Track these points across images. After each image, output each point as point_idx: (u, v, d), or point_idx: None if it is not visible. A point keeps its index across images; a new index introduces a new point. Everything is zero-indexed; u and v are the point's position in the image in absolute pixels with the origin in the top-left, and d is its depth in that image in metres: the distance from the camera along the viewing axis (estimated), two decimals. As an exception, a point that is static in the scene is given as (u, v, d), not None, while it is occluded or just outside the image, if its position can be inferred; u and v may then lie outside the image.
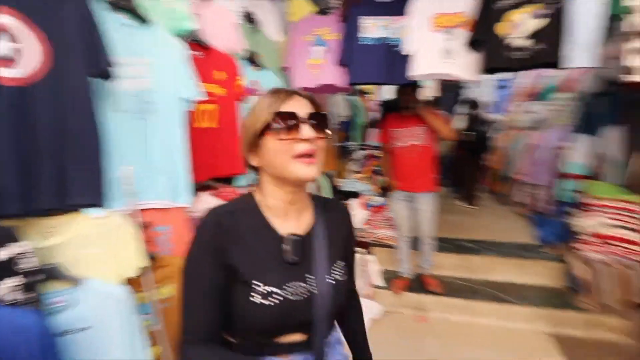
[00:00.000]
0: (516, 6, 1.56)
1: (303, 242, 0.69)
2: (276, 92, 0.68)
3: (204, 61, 1.50)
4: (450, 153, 4.44)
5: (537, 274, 2.83)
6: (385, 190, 2.84)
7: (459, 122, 4.63)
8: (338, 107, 3.51)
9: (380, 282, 2.76)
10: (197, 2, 1.55)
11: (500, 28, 1.59)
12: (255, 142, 0.67)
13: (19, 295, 0.83)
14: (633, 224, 2.29)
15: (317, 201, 0.78)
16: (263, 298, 0.63)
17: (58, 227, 0.99)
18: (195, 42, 1.47)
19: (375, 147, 3.40)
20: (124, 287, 1.06)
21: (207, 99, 1.45)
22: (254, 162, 0.70)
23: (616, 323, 2.35)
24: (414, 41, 1.80)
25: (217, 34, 1.60)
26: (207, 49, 1.53)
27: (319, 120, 0.66)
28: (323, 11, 2.10)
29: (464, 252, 3.00)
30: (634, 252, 2.27)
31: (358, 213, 2.99)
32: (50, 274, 0.93)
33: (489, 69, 1.71)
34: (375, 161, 3.16)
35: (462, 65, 1.75)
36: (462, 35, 1.74)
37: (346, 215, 0.83)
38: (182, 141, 1.33)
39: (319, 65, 2.01)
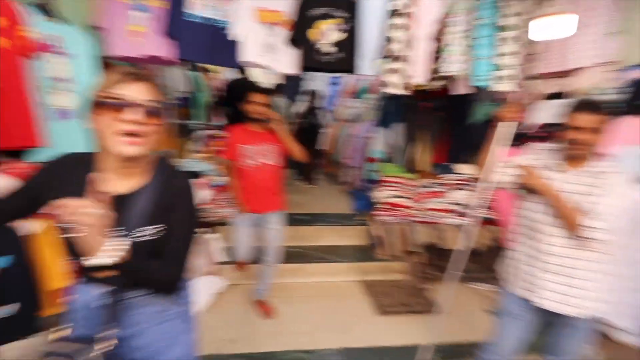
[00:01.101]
0: (323, 17, 1.90)
1: (122, 199, 0.80)
2: (122, 72, 0.75)
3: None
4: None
5: (352, 236, 3.57)
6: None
7: (298, 108, 5.14)
8: (177, 82, 3.29)
9: (223, 258, 2.84)
10: None
11: (312, 34, 1.91)
12: (94, 109, 0.75)
13: None
14: (407, 194, 3.19)
15: (163, 170, 0.85)
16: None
17: None
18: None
19: (219, 127, 3.39)
20: None
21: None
22: (91, 124, 0.77)
23: (400, 266, 3.25)
24: (240, 28, 1.88)
25: None
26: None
27: (154, 105, 0.75)
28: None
29: (298, 224, 3.44)
30: (409, 215, 3.18)
31: (200, 193, 2.94)
32: None
33: (304, 67, 2.02)
34: (217, 141, 3.16)
35: (283, 60, 1.99)
36: (282, 32, 1.96)
37: (182, 190, 0.87)
38: None
39: (141, 33, 1.83)
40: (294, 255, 3.18)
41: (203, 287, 2.51)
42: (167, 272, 0.84)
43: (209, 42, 1.89)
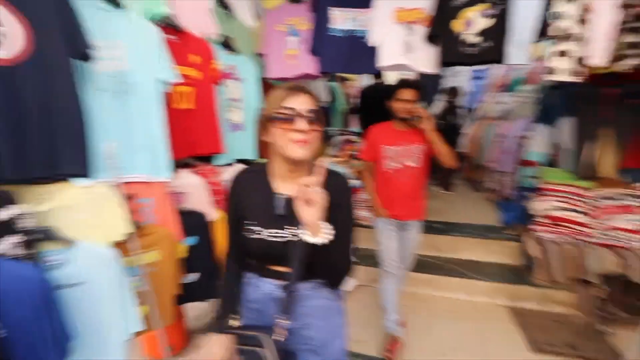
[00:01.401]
0: (469, 4, 1.70)
1: (290, 201, 0.88)
2: (285, 88, 0.89)
3: (179, 45, 1.58)
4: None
5: (498, 252, 3.09)
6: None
7: (436, 108, 4.82)
8: (318, 93, 3.63)
9: (353, 258, 2.95)
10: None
11: (455, 25, 1.74)
12: (266, 124, 0.91)
13: (20, 251, 0.96)
14: (580, 206, 2.54)
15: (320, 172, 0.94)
16: (252, 234, 0.93)
17: (49, 194, 1.11)
18: (170, 26, 1.55)
19: (353, 133, 3.55)
20: (111, 249, 1.19)
21: (183, 81, 1.55)
22: (265, 138, 0.92)
23: (564, 296, 2.62)
24: (378, 33, 1.91)
25: (191, 19, 1.67)
26: (181, 33, 1.61)
27: (312, 114, 0.86)
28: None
29: (433, 232, 3.22)
30: (580, 232, 2.53)
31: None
32: (45, 234, 1.06)
33: (445, 62, 1.87)
34: (352, 146, 3.31)
35: (422, 58, 1.89)
36: (421, 30, 1.88)
37: (344, 189, 0.94)
38: (160, 120, 1.44)
39: (294, 56, 2.10)
40: (428, 266, 3.00)
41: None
42: (349, 259, 0.91)
43: (348, 52, 2.00)
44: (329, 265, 0.89)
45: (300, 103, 0.86)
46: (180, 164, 1.65)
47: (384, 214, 2.08)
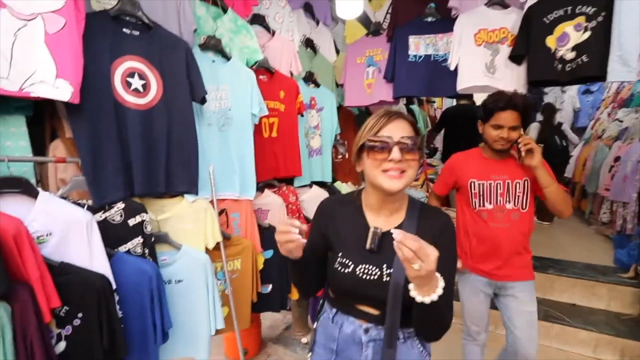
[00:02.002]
0: (563, 19, 1.56)
1: (384, 236, 0.82)
2: (381, 115, 0.82)
3: (270, 83, 1.86)
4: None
5: (607, 297, 2.57)
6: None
7: (534, 130, 4.30)
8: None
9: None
10: (265, 36, 1.93)
11: (549, 41, 1.61)
12: (359, 153, 0.85)
13: (140, 250, 1.24)
14: None
15: (414, 206, 0.87)
16: (341, 267, 0.84)
17: (166, 206, 1.41)
18: (263, 68, 1.84)
19: (429, 154, 3.44)
20: (205, 255, 1.44)
21: (269, 113, 1.80)
22: (359, 168, 0.87)
23: None
24: (459, 56, 1.88)
25: (280, 60, 1.97)
26: (272, 73, 1.88)
27: (408, 142, 0.78)
28: (375, 32, 2.30)
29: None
30: None
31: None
32: (159, 239, 1.34)
33: (535, 81, 1.73)
34: (430, 169, 3.21)
35: (506, 78, 1.79)
36: (506, 49, 1.79)
37: (441, 226, 0.84)
38: (251, 147, 1.70)
39: (372, 84, 2.23)
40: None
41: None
42: (447, 318, 0.77)
43: (428, 76, 2.03)
44: (431, 318, 0.74)
45: (395, 130, 0.78)
46: (264, 184, 1.88)
47: (471, 268, 1.60)
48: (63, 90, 1.04)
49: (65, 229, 1.04)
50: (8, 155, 1.03)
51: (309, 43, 2.30)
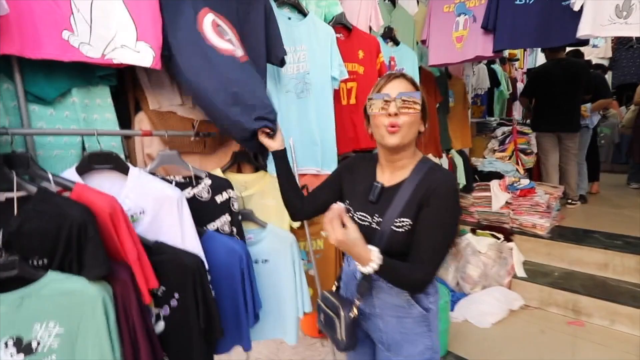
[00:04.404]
0: None
1: (383, 190, 0.90)
2: (383, 77, 0.88)
3: (347, 42, 1.64)
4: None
5: None
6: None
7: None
8: (476, 78, 3.20)
9: (521, 272, 2.49)
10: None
11: None
12: (367, 116, 0.92)
13: (228, 228, 1.16)
14: None
15: (422, 167, 0.90)
16: (348, 212, 0.93)
17: (249, 182, 1.31)
18: (340, 25, 1.62)
19: (520, 123, 2.97)
20: (292, 234, 1.33)
21: (348, 77, 1.59)
22: (369, 130, 0.93)
23: None
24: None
25: (359, 14, 1.73)
26: (349, 30, 1.66)
27: (405, 98, 0.82)
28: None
29: (631, 251, 2.38)
30: None
31: (498, 196, 2.72)
32: (245, 216, 1.26)
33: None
34: (522, 138, 2.76)
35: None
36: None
37: (440, 189, 0.83)
38: (331, 116, 1.52)
39: (463, 37, 1.88)
40: (628, 295, 2.23)
41: (498, 300, 2.30)
42: (415, 275, 0.82)
43: (541, 21, 1.65)
44: (387, 279, 0.85)
45: (392, 89, 0.84)
46: (342, 157, 1.71)
47: None
48: (145, 55, 0.95)
49: (156, 206, 0.98)
50: (96, 128, 0.98)
51: (388, -6, 1.99)
